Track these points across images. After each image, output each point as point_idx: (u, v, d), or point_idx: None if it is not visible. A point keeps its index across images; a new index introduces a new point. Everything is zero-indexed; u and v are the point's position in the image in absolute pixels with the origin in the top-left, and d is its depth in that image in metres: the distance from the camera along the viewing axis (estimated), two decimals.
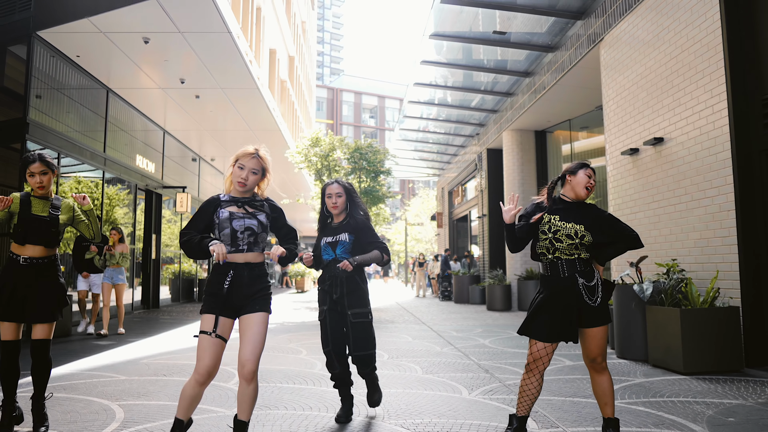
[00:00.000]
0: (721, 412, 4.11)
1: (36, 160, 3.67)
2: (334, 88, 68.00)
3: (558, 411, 4.16)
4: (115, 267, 8.94)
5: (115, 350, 7.29)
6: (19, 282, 3.59)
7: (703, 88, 6.41)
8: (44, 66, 9.36)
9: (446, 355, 6.87)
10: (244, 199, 3.18)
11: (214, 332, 2.95)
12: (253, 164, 3.16)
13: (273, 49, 25.72)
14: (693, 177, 6.59)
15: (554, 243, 3.28)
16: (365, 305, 3.97)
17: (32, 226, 3.62)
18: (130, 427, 3.76)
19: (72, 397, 4.61)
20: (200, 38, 9.43)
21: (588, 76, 10.17)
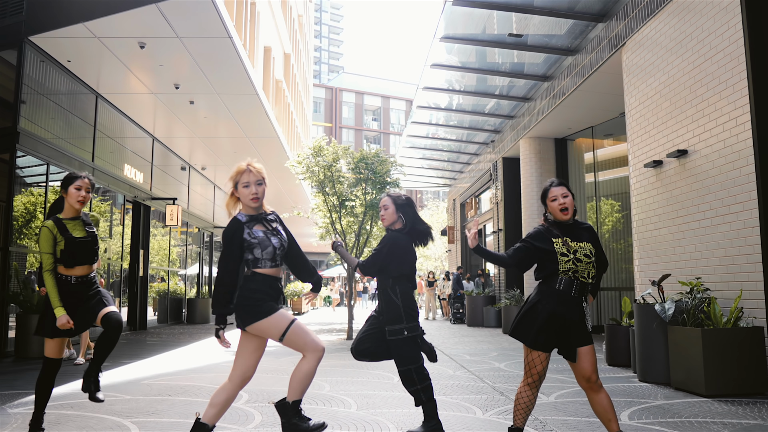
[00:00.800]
0: (737, 429, 4.59)
1: (84, 176, 4.27)
2: (333, 88, 68.79)
3: (573, 429, 4.65)
4: None
5: (111, 372, 7.79)
6: (71, 300, 4.12)
7: (727, 99, 6.95)
8: (33, 72, 9.95)
9: (459, 378, 7.36)
10: (261, 216, 3.70)
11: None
12: (254, 178, 3.67)
13: (268, 46, 26.38)
14: (717, 192, 7.10)
15: (576, 264, 3.71)
16: (399, 321, 4.25)
17: (79, 248, 4.17)
18: None
19: (83, 414, 5.13)
20: (199, 43, 10.03)
21: (611, 81, 10.70)
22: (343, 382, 7.01)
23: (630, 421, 4.94)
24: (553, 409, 5.41)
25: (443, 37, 11.67)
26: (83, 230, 4.25)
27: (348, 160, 13.17)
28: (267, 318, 3.49)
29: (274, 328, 3.50)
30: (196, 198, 19.79)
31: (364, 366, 8.36)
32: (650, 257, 8.58)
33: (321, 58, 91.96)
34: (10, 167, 9.54)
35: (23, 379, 7.09)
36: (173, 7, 8.84)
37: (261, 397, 6.01)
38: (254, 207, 3.68)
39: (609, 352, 8.43)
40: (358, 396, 6.09)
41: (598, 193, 14.08)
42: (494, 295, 17.69)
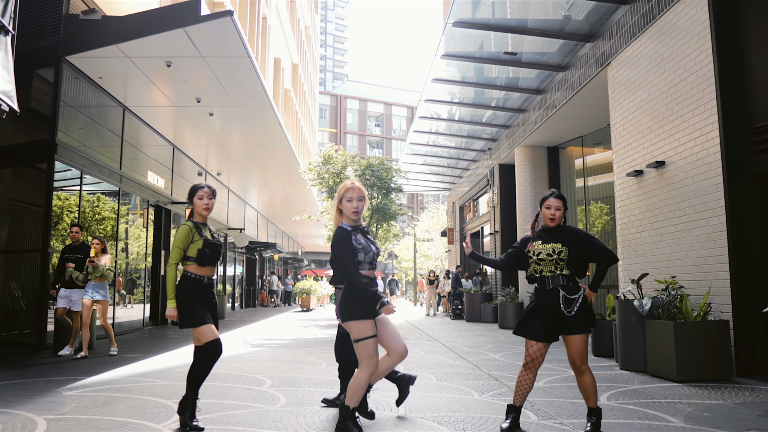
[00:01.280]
0: (699, 409, 5.11)
1: (204, 186, 4.67)
2: (337, 95, 69.37)
3: (557, 408, 5.17)
4: (98, 281, 8.78)
5: (145, 361, 8.32)
6: (203, 299, 4.52)
7: (699, 116, 7.46)
8: (69, 88, 10.48)
9: (459, 367, 7.88)
10: (359, 227, 4.28)
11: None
12: (356, 194, 4.25)
13: (278, 58, 27.00)
14: (691, 199, 7.62)
15: (539, 264, 4.37)
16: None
17: (212, 248, 4.57)
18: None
19: (129, 396, 5.65)
20: (221, 62, 10.56)
21: (598, 96, 11.21)
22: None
23: (608, 402, 5.45)
24: (542, 393, 5.93)
25: (444, 55, 12.20)
26: (211, 235, 4.68)
27: (355, 167, 13.71)
28: (355, 321, 4.04)
29: (355, 331, 4.05)
30: None
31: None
32: (632, 258, 9.09)
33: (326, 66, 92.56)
34: (48, 176, 10.07)
35: (68, 367, 7.61)
36: (199, 30, 9.36)
37: (283, 383, 6.53)
38: (354, 219, 4.26)
39: (595, 344, 8.94)
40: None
41: (587, 198, 14.58)
42: (491, 293, 18.20)
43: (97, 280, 8.74)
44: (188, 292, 4.46)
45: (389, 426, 4.55)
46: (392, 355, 4.20)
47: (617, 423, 4.63)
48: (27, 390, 5.98)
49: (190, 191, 4.70)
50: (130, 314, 13.56)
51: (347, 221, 4.26)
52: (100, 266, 8.65)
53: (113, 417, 4.78)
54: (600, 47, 10.31)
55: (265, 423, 4.60)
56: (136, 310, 14.01)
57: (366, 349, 4.03)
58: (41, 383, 6.37)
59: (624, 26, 9.40)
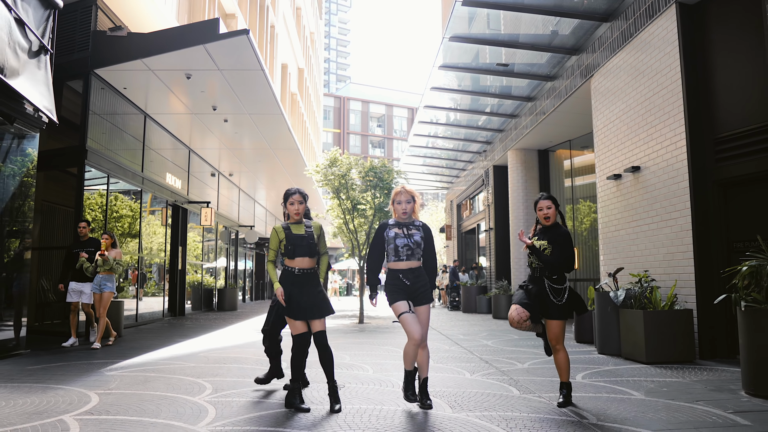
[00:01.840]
0: (660, 385, 5.70)
1: (295, 192, 5.02)
2: (341, 97, 69.89)
3: (538, 385, 5.76)
4: (106, 273, 8.98)
5: (170, 347, 8.92)
6: (294, 287, 4.84)
7: (669, 127, 8.03)
8: (96, 98, 11.06)
9: (453, 351, 8.47)
10: (403, 224, 4.92)
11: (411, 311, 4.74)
12: (405, 197, 4.90)
13: (285, 63, 27.56)
14: (662, 201, 8.19)
15: (530, 256, 5.03)
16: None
17: (296, 242, 4.89)
18: (222, 392, 5.39)
19: (164, 376, 6.25)
20: (237, 74, 11.13)
21: (583, 104, 11.78)
22: (360, 354, 8.12)
23: (582, 380, 6.04)
24: (526, 372, 6.51)
25: (441, 66, 12.76)
26: (302, 230, 4.99)
27: (359, 169, 14.28)
28: (392, 305, 4.80)
29: (393, 310, 4.79)
30: (224, 201, 20.91)
31: (376, 342, 9.48)
32: (611, 254, 9.67)
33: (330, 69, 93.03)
34: (79, 180, 10.65)
35: (105, 351, 8.23)
36: (217, 46, 9.93)
37: None
38: (403, 218, 4.93)
39: (577, 332, 9.53)
40: (373, 363, 7.21)
41: (575, 197, 15.14)
42: (486, 286, 18.79)
43: (105, 273, 8.93)
44: (284, 282, 4.89)
45: (389, 399, 5.14)
46: (409, 341, 4.79)
47: (587, 396, 5.21)
48: (73, 371, 6.58)
49: (284, 196, 5.08)
50: (151, 306, 14.17)
51: (398, 218, 4.94)
52: (110, 259, 8.83)
53: (154, 392, 5.38)
54: (584, 60, 10.86)
55: (282, 394, 5.19)
56: (157, 302, 14.61)
57: (402, 324, 4.76)
58: (84, 365, 6.98)
59: (605, 41, 9.96)
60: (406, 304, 4.75)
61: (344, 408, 4.75)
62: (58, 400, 4.99)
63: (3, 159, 8.18)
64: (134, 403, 4.91)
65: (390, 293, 4.82)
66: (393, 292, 4.80)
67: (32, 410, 4.63)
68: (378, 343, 9.48)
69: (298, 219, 5.03)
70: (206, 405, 4.85)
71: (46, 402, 4.93)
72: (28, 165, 8.72)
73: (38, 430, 4.05)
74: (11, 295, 8.21)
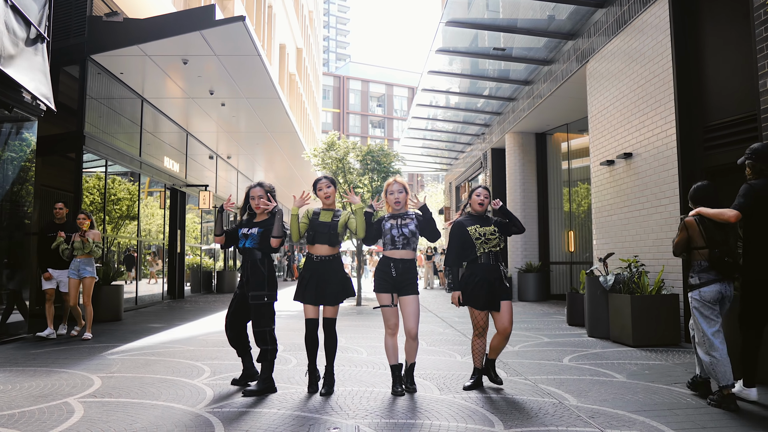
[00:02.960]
0: (642, 368, 5.97)
1: (322, 179, 5.21)
2: (340, 76, 69.72)
3: (525, 367, 6.03)
4: (85, 257, 8.29)
5: (170, 330, 9.20)
6: (311, 274, 5.03)
7: (660, 114, 8.22)
8: (93, 83, 11.22)
9: (447, 334, 8.75)
10: (397, 215, 5.13)
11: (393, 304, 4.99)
12: (397, 187, 5.10)
13: (283, 44, 27.57)
14: (652, 188, 8.40)
15: (485, 243, 5.10)
16: (262, 288, 5.03)
17: (317, 229, 5.05)
18: (219, 374, 5.67)
19: (164, 359, 6.53)
20: (234, 59, 11.29)
21: (580, 89, 11.91)
22: (355, 337, 8.41)
23: (569, 363, 6.31)
24: (515, 355, 6.78)
25: (439, 50, 12.89)
26: (329, 218, 5.11)
27: (357, 153, 14.47)
28: (376, 293, 5.04)
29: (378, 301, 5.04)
30: (223, 183, 21.12)
31: (372, 325, 9.77)
32: (604, 238, 9.90)
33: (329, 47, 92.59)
34: (77, 164, 10.87)
35: (106, 335, 8.51)
36: (214, 32, 10.07)
37: (293, 348, 7.40)
38: (396, 209, 5.12)
39: (569, 315, 9.80)
40: (367, 346, 7.49)
41: (572, 179, 15.35)
42: None
43: (83, 257, 8.25)
44: (306, 267, 5.12)
45: (380, 381, 5.40)
46: (386, 330, 5.07)
47: (571, 378, 5.48)
48: (75, 354, 6.86)
49: (313, 184, 5.25)
50: (151, 289, 14.46)
51: (392, 210, 5.13)
52: (89, 241, 8.17)
53: (154, 375, 5.66)
54: (581, 45, 11.00)
55: (281, 379, 5.47)
56: (156, 285, 14.90)
57: (383, 315, 5.01)
58: (85, 349, 7.26)
59: (601, 27, 10.10)
60: (389, 297, 4.99)
61: (337, 390, 5.02)
62: (62, 384, 5.26)
63: (2, 145, 8.39)
64: (135, 386, 5.18)
65: (377, 281, 5.06)
66: (379, 280, 5.04)
67: (38, 393, 4.90)
68: (374, 326, 9.75)
69: (329, 204, 5.24)
70: (205, 387, 5.12)
71: (51, 385, 5.20)
72: (27, 151, 8.93)
73: (44, 412, 4.32)
74: (12, 280, 8.47)
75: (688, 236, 4.76)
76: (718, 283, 4.56)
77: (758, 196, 4.46)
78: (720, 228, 4.61)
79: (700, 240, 4.65)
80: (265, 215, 5.23)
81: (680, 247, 4.84)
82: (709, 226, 4.62)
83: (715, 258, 4.54)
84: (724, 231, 4.62)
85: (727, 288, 4.59)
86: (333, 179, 5.30)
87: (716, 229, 4.61)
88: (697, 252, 4.68)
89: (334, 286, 5.08)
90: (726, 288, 4.58)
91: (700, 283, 4.63)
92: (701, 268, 4.65)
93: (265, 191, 5.21)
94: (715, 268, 4.56)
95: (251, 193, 5.19)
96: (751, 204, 4.45)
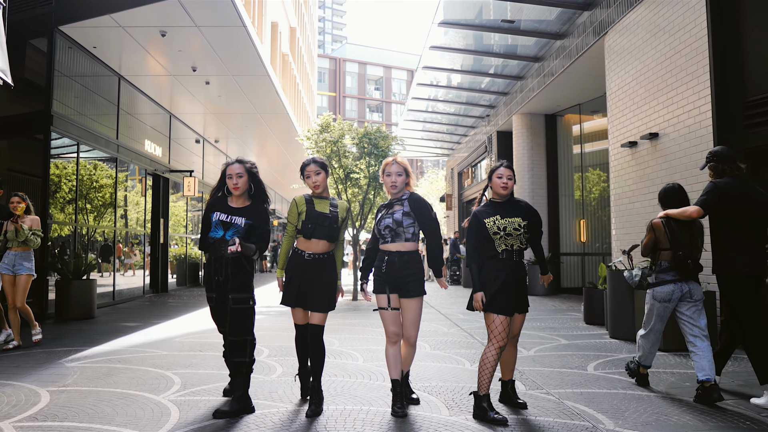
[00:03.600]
0: (682, 378, 5.30)
1: (310, 163, 4.47)
2: (336, 58, 68.72)
3: (545, 378, 5.35)
4: (21, 249, 6.95)
5: (145, 330, 8.52)
6: (299, 273, 4.38)
7: (692, 89, 7.50)
8: (62, 57, 10.48)
9: (453, 335, 8.08)
10: (393, 200, 4.40)
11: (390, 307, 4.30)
12: (396, 169, 4.36)
13: (275, 22, 26.64)
14: (682, 171, 7.70)
15: (506, 238, 4.22)
16: (248, 290, 4.33)
17: (316, 221, 4.37)
18: (190, 388, 4.98)
19: (130, 368, 5.84)
20: (216, 31, 10.53)
21: (596, 64, 11.19)
22: (350, 338, 7.73)
23: (594, 371, 5.64)
24: (532, 362, 6.11)
25: (441, 23, 12.15)
26: (327, 208, 4.46)
27: (353, 135, 13.73)
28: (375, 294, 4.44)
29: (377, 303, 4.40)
30: (210, 168, 20.38)
31: (368, 324, 9.09)
32: (625, 228, 9.22)
33: (325, 29, 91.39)
34: (45, 147, 10.14)
35: (69, 338, 7.81)
36: (194, 1, 9.33)
37: (280, 352, 6.72)
38: (393, 193, 4.42)
39: (586, 313, 9.13)
40: (364, 350, 6.80)
41: (584, 164, 14.66)
42: None
43: (19, 249, 6.92)
44: (290, 267, 4.45)
45: (378, 397, 4.73)
46: (387, 339, 4.35)
47: (601, 393, 4.81)
48: (30, 361, 6.17)
49: (300, 169, 4.57)
50: (131, 282, 13.76)
51: (391, 196, 4.44)
52: (24, 230, 6.82)
53: (114, 389, 4.96)
54: (598, 16, 10.27)
55: (261, 393, 4.78)
56: (137, 278, 14.19)
57: (381, 319, 4.34)
58: (43, 355, 6.56)
59: None
60: (386, 299, 4.30)
61: (327, 408, 4.34)
62: (2, 401, 4.57)
63: None
64: (89, 403, 4.49)
65: (374, 280, 4.40)
66: (374, 278, 4.39)
67: None
68: (371, 325, 9.09)
69: (320, 192, 4.52)
70: (169, 406, 4.43)
71: None
72: None
73: None
74: None
75: (655, 238, 4.94)
76: (672, 284, 4.79)
77: (722, 193, 4.68)
78: (686, 230, 4.86)
79: (665, 241, 4.86)
80: (245, 200, 4.48)
81: (648, 248, 5.03)
82: (675, 229, 4.85)
83: (678, 259, 4.75)
84: (690, 233, 4.87)
85: (685, 287, 4.78)
86: (323, 163, 4.54)
87: (682, 231, 4.85)
88: (663, 253, 4.90)
89: (324, 289, 4.41)
90: (684, 287, 4.78)
91: (655, 283, 4.90)
92: (660, 268, 4.89)
93: (245, 169, 4.43)
94: (676, 268, 4.78)
95: (228, 171, 4.42)
96: (715, 201, 4.67)
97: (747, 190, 4.71)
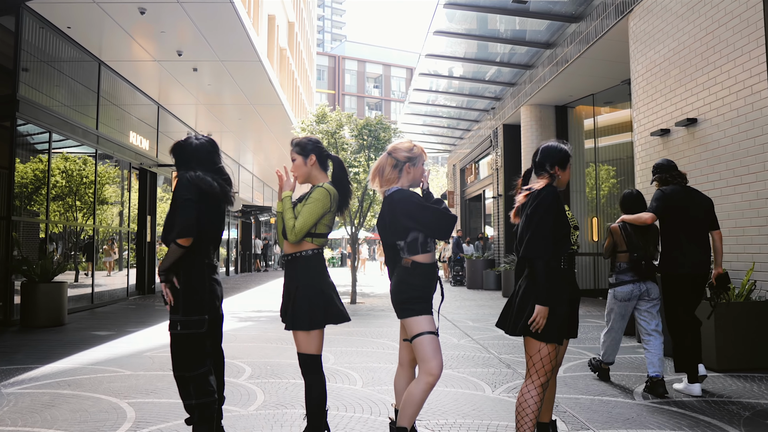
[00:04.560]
0: (759, 414, 4.20)
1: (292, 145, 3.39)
2: (336, 56, 67.57)
3: (587, 411, 4.25)
4: None
5: (115, 341, 7.41)
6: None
7: (742, 66, 6.40)
8: (33, 38, 9.38)
9: (464, 347, 6.98)
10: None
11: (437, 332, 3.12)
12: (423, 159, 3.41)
13: (272, 14, 25.54)
14: (729, 161, 6.61)
15: (574, 234, 3.75)
16: (176, 311, 3.28)
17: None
18: (143, 428, 3.87)
19: (78, 394, 4.73)
20: (200, 8, 9.41)
21: (616, 49, 10.11)
22: (347, 352, 6.62)
23: (644, 401, 4.55)
24: (564, 385, 5.02)
25: (447, 3, 11.04)
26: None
27: (351, 126, 12.65)
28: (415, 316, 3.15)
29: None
30: None
31: (368, 334, 8.00)
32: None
33: (324, 27, 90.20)
34: (11, 135, 9.03)
35: (23, 353, 6.67)
36: None
37: (264, 372, 5.62)
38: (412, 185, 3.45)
39: None
40: (363, 369, 5.70)
41: (597, 159, 13.58)
42: (493, 259, 17.31)
43: None
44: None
45: None
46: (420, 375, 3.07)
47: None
48: None
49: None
50: (113, 283, 12.62)
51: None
52: None
53: (48, 428, 3.85)
54: None
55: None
56: (121, 278, 13.05)
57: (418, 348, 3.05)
58: None
59: None
60: (431, 321, 3.09)
61: None
62: None
63: None
64: None
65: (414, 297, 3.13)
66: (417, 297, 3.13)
67: None
68: (372, 335, 7.99)
69: (303, 182, 3.43)
70: None
71: None
72: None
73: None
74: None
75: (613, 241, 5.10)
76: (631, 284, 4.96)
77: (668, 199, 4.85)
78: (641, 234, 4.99)
79: (623, 244, 5.03)
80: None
81: (608, 251, 5.18)
82: (631, 232, 4.99)
83: (634, 261, 4.93)
84: (645, 236, 4.99)
85: (643, 286, 4.94)
86: (302, 143, 3.35)
87: (637, 234, 4.98)
88: (621, 255, 5.06)
89: (289, 298, 3.27)
90: (642, 286, 4.94)
91: (616, 283, 5.06)
92: (620, 269, 5.05)
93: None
94: (633, 269, 4.95)
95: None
96: (663, 207, 4.83)
97: (689, 196, 4.91)
